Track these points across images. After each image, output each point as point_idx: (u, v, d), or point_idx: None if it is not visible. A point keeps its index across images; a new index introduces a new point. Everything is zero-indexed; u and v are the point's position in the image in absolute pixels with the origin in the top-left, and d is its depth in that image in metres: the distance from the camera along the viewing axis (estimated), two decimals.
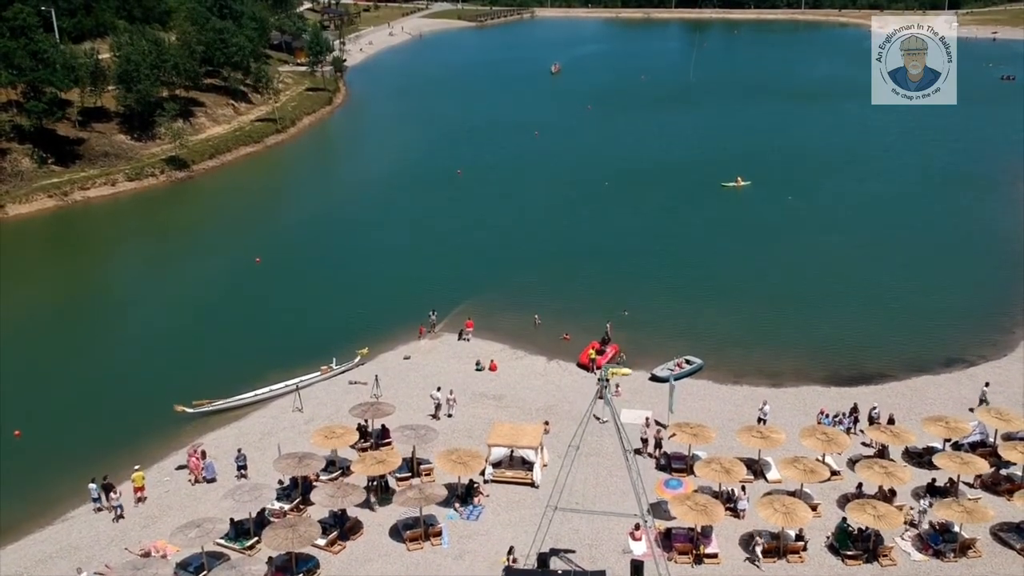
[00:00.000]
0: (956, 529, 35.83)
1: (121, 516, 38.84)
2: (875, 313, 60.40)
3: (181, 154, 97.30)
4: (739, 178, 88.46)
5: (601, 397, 33.49)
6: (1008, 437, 42.72)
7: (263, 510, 37.76)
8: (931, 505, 37.58)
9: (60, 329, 60.21)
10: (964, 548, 35.64)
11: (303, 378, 51.36)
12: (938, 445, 42.41)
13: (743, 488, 39.05)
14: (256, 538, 36.48)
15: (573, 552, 36.10)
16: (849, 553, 35.42)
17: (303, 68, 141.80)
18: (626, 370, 45.88)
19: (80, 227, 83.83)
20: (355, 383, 51.02)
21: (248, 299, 64.27)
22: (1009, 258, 69.58)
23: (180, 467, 43.20)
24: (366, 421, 44.23)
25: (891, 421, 44.34)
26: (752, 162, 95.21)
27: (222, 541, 36.12)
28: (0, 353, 54.52)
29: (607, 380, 33.32)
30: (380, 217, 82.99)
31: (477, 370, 52.29)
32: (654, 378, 51.14)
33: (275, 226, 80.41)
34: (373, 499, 39.16)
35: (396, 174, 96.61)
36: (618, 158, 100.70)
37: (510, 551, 35.25)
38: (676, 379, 50.19)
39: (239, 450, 42.43)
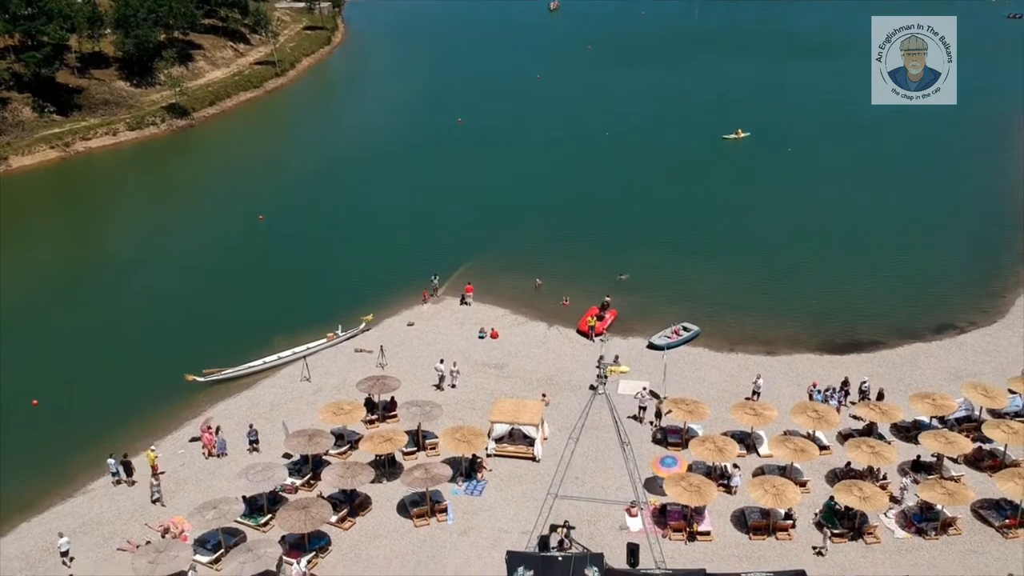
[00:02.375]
0: (938, 507, 37.43)
1: (160, 499, 39.96)
2: (869, 275, 61.34)
3: (181, 101, 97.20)
4: (739, 130, 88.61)
5: (594, 388, 34.72)
6: (995, 413, 44.14)
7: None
8: (916, 482, 39.23)
9: (68, 291, 61.27)
10: (945, 526, 37.33)
11: (309, 345, 52.66)
12: (925, 419, 43.87)
13: (735, 466, 40.59)
14: (270, 515, 38.18)
15: (573, 528, 37.71)
16: (836, 531, 37.12)
17: (301, 5, 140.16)
18: (624, 367, 47.10)
19: (83, 181, 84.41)
20: (361, 351, 52.30)
21: (253, 261, 65.22)
22: (1002, 218, 70.14)
23: (194, 439, 44.72)
24: (373, 396, 45.57)
25: (880, 396, 45.74)
26: (753, 112, 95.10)
27: (238, 519, 37.71)
28: (10, 316, 55.67)
29: (605, 377, 34.48)
30: (380, 170, 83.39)
31: (479, 338, 53.55)
32: (651, 346, 52.44)
33: (277, 180, 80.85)
34: (381, 477, 40.71)
35: (396, 123, 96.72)
36: (619, 107, 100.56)
37: (565, 524, 36.82)
38: (673, 347, 51.64)
39: (251, 425, 43.91)
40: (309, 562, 35.64)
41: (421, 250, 65.76)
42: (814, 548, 36.53)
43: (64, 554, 36.74)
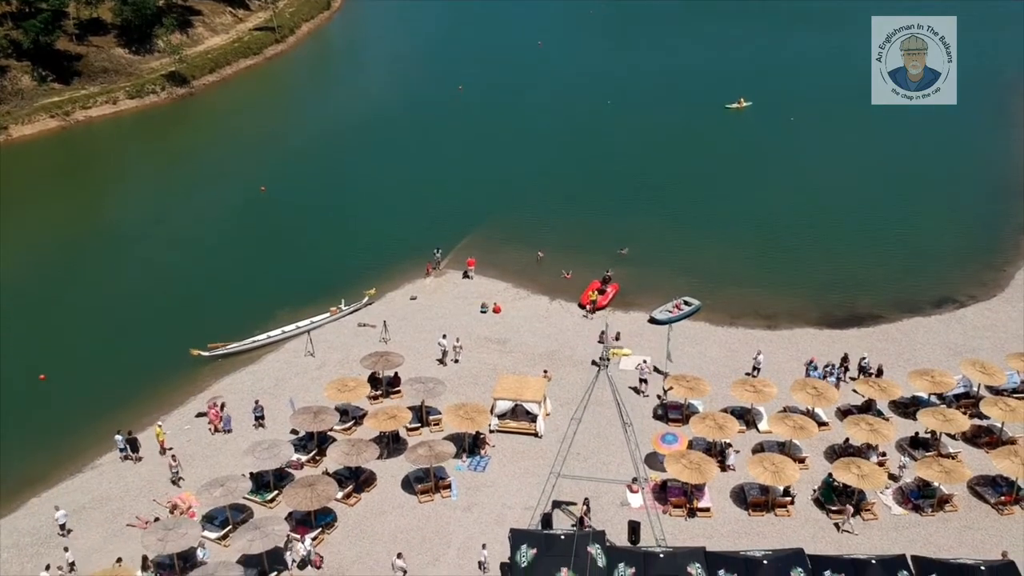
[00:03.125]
0: (935, 484, 37.98)
1: (180, 478, 40.29)
2: (869, 248, 61.39)
3: (181, 69, 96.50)
4: (741, 99, 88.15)
5: (597, 364, 35.10)
6: (993, 390, 44.58)
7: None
8: (914, 459, 39.79)
9: (70, 263, 61.38)
10: (942, 503, 37.94)
11: (313, 319, 53.03)
12: (924, 395, 44.32)
13: (728, 444, 41.18)
14: (276, 491, 38.77)
15: (575, 504, 38.40)
16: (834, 508, 37.72)
17: None
18: (627, 350, 47.45)
19: (84, 151, 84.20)
20: (364, 325, 52.67)
21: (255, 233, 65.18)
22: (1004, 189, 69.95)
23: (199, 415, 45.23)
24: (377, 372, 45.99)
25: (880, 372, 46.17)
26: (756, 80, 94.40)
27: (245, 496, 38.27)
28: (12, 288, 55.96)
29: (607, 360, 34.88)
30: (380, 139, 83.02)
31: (482, 312, 53.88)
32: (653, 320, 52.80)
33: (277, 149, 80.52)
34: (383, 450, 41.25)
35: (396, 89, 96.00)
36: (620, 73, 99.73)
37: (585, 501, 37.38)
38: (674, 321, 52.05)
39: (256, 401, 44.36)
40: (314, 539, 36.22)
41: (423, 222, 65.84)
42: (837, 527, 37.04)
43: (62, 527, 37.34)
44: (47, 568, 34.63)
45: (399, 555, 35.07)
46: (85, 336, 52.55)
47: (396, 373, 46.27)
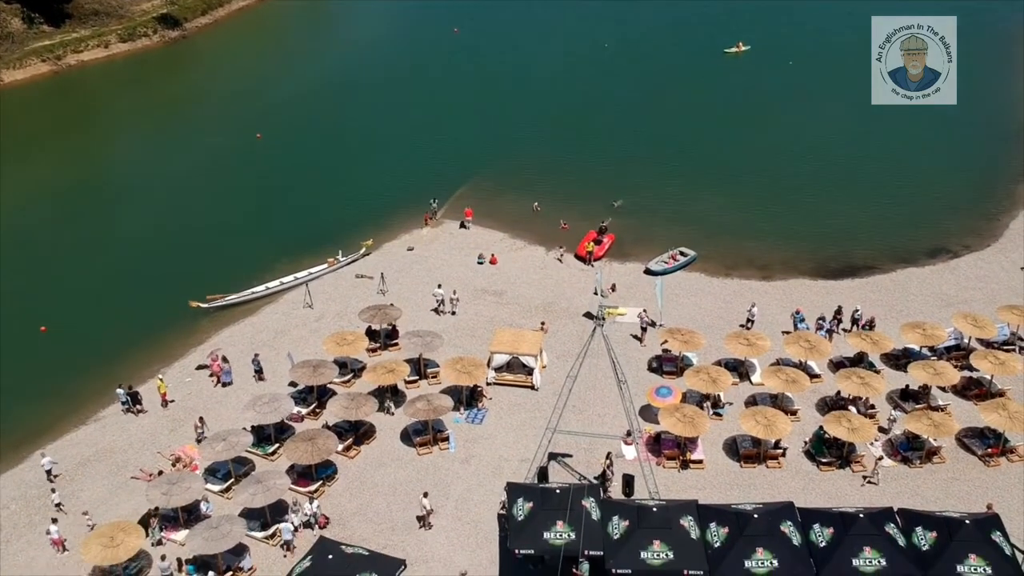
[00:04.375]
0: (924, 436, 38.71)
1: (204, 436, 40.13)
2: (865, 196, 61.51)
3: (172, 11, 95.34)
4: (740, 44, 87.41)
5: (592, 317, 35.44)
6: (985, 343, 45.14)
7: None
8: (905, 412, 40.49)
9: (65, 212, 61.14)
10: (930, 455, 38.71)
11: (311, 270, 53.30)
12: (915, 347, 44.87)
13: (717, 408, 42.00)
14: (277, 444, 39.46)
15: (570, 456, 39.17)
16: (824, 460, 38.51)
17: None
18: (622, 310, 47.77)
19: (77, 97, 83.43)
20: (361, 276, 52.96)
21: (251, 181, 65.18)
22: (999, 138, 69.65)
23: (200, 367, 45.73)
24: (375, 325, 46.41)
25: (872, 325, 46.67)
26: (755, 23, 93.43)
27: (247, 449, 38.94)
28: (7, 238, 56.03)
29: (603, 319, 35.25)
30: (376, 85, 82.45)
31: (478, 263, 54.16)
32: (648, 272, 53.13)
33: (272, 94, 79.95)
34: (389, 403, 41.86)
35: (393, 33, 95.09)
36: (620, 16, 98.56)
37: (608, 455, 38.00)
38: (670, 272, 52.45)
39: (256, 355, 44.80)
40: (314, 492, 37.00)
41: (418, 170, 65.82)
42: (864, 478, 37.81)
43: (48, 472, 38.12)
44: (54, 521, 35.37)
45: (425, 494, 35.98)
46: (83, 287, 52.58)
47: (394, 326, 46.71)
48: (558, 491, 34.00)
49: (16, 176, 64.85)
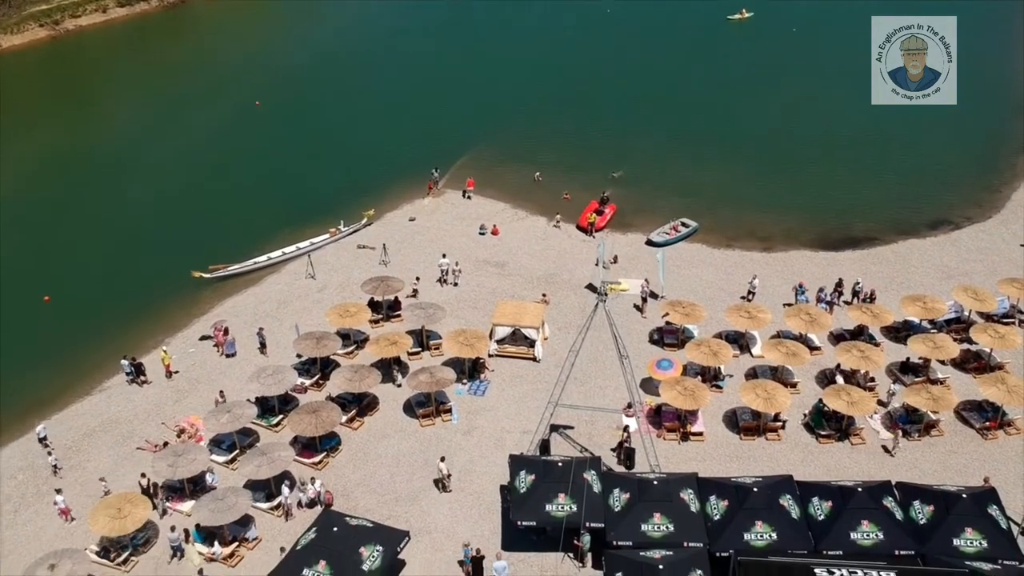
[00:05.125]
0: (923, 409, 39.03)
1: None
2: (867, 167, 61.51)
3: None
4: (743, 10, 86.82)
5: (594, 289, 35.61)
6: (985, 316, 45.33)
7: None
8: (904, 385, 40.80)
9: (66, 181, 61.15)
10: (928, 428, 39.06)
11: (313, 240, 53.37)
12: (915, 320, 45.07)
13: (721, 370, 42.28)
14: (281, 415, 39.78)
15: (571, 428, 39.51)
16: (823, 433, 38.86)
17: None
18: (624, 285, 47.84)
19: (76, 63, 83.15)
20: (363, 247, 53.03)
21: (250, 150, 64.90)
22: (1001, 108, 69.34)
23: (203, 337, 45.95)
24: (377, 296, 46.58)
25: (872, 297, 46.84)
26: None
27: (252, 420, 39.27)
28: (8, 208, 56.01)
29: (605, 295, 35.38)
30: (378, 50, 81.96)
31: (480, 234, 54.19)
32: (650, 243, 53.21)
33: (272, 62, 79.59)
34: (397, 373, 42.19)
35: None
36: None
37: (625, 428, 38.35)
38: (671, 244, 52.55)
39: (260, 329, 44.95)
40: (318, 464, 37.40)
41: (419, 139, 65.61)
42: (884, 448, 38.19)
43: (42, 440, 38.62)
44: (58, 491, 35.76)
45: (442, 459, 36.56)
46: (84, 256, 52.71)
47: (396, 297, 46.89)
48: (560, 464, 34.38)
49: (15, 143, 64.58)
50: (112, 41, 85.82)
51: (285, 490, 35.38)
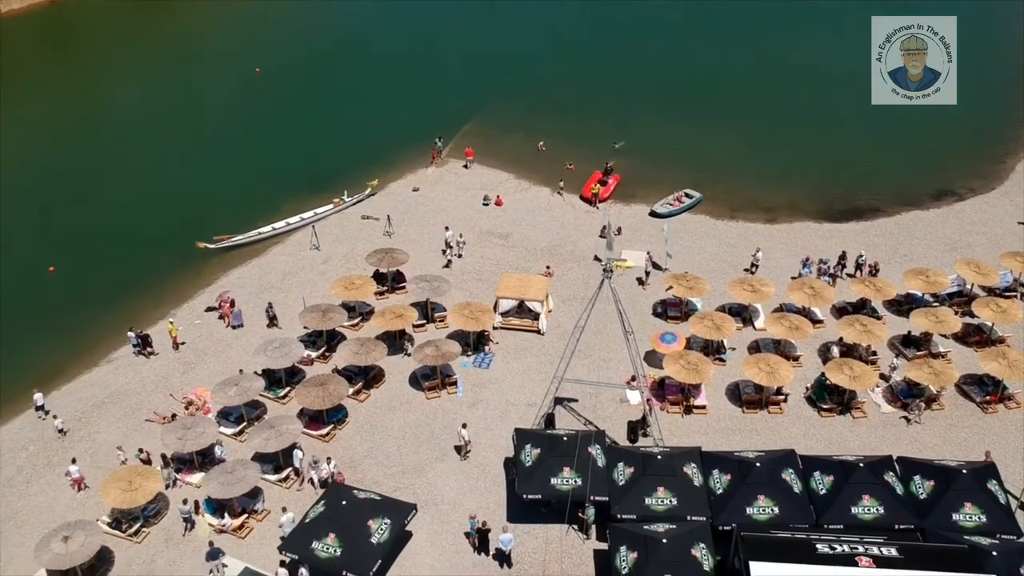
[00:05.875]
0: (924, 384, 39.38)
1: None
2: (871, 138, 60.99)
3: None
4: None
5: (600, 261, 35.81)
6: (987, 289, 45.55)
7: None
8: (906, 359, 41.13)
9: (67, 150, 60.76)
10: (929, 401, 39.43)
11: (317, 211, 53.42)
12: (918, 293, 45.29)
13: (724, 344, 42.61)
14: (288, 388, 40.13)
15: (576, 401, 39.88)
16: (825, 406, 39.24)
17: None
18: (629, 262, 47.93)
19: (76, 27, 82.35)
20: (367, 218, 53.09)
21: (251, 117, 64.70)
22: (1005, 79, 68.65)
23: (209, 308, 46.17)
24: (382, 268, 46.74)
25: (876, 270, 47.02)
26: None
27: (260, 393, 39.63)
28: (11, 177, 55.86)
29: (611, 271, 35.54)
30: (379, 16, 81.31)
31: (484, 205, 54.22)
32: (654, 214, 53.27)
33: (272, 27, 79.09)
34: (407, 344, 42.54)
35: None
36: None
37: (644, 415, 38.54)
38: (675, 215, 52.63)
39: (269, 304, 45.05)
40: (327, 434, 37.81)
41: (423, 107, 65.34)
42: (906, 419, 38.55)
43: (40, 408, 39.16)
44: (73, 461, 36.19)
45: (464, 425, 37.11)
46: (88, 226, 52.60)
47: (399, 270, 47.04)
48: (565, 438, 34.76)
49: (16, 110, 64.21)
50: (113, 6, 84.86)
51: (299, 453, 35.77)
